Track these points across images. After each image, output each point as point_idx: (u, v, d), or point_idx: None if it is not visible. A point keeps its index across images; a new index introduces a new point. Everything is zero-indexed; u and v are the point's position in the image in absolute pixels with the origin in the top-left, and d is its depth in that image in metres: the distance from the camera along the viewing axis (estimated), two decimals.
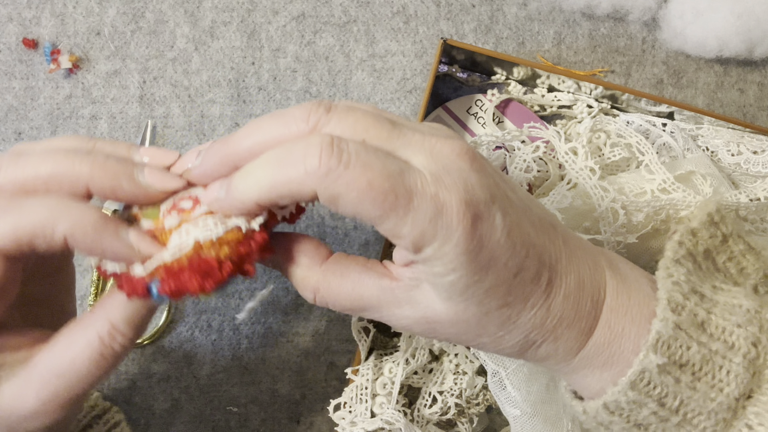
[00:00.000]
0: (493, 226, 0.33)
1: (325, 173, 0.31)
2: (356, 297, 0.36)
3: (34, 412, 0.34)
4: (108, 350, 0.35)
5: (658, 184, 0.53)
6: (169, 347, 0.58)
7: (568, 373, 0.38)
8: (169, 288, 0.34)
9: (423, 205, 0.31)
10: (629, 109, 0.60)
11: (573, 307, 0.36)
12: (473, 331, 0.36)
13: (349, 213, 0.32)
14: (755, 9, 0.61)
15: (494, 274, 0.33)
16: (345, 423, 0.52)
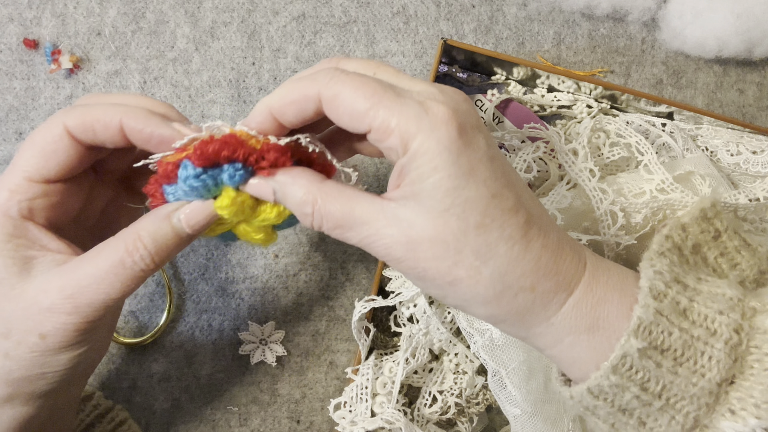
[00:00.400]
0: (476, 144, 0.36)
1: (329, 78, 0.37)
2: (348, 210, 0.37)
3: (52, 308, 0.37)
4: (129, 259, 0.37)
5: (656, 184, 0.53)
6: (169, 347, 0.58)
7: (554, 343, 0.38)
8: (199, 155, 0.38)
9: (411, 103, 0.36)
10: (629, 109, 0.60)
11: (552, 258, 0.37)
12: (451, 257, 0.36)
13: (346, 113, 0.36)
14: (754, 9, 0.61)
15: (473, 186, 0.36)
16: (345, 422, 0.52)
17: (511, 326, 0.38)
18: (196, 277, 0.59)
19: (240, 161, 0.38)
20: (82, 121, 0.38)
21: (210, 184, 0.39)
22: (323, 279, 0.60)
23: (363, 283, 0.60)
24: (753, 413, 0.35)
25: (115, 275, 0.37)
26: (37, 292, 0.37)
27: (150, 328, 0.58)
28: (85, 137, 0.39)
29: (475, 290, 0.37)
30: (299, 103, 0.38)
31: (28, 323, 0.37)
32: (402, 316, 0.55)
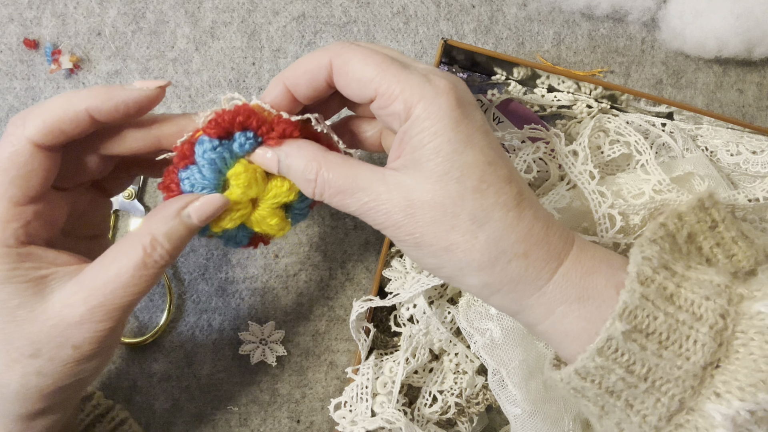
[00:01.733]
0: (473, 116, 0.39)
1: (340, 47, 0.40)
2: (351, 176, 0.39)
3: (82, 319, 0.37)
4: (149, 259, 0.38)
5: (653, 185, 0.53)
6: (169, 347, 0.58)
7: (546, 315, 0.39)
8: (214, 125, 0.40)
9: (415, 73, 0.38)
10: (629, 109, 0.60)
11: (543, 229, 0.39)
12: (448, 221, 0.37)
13: (354, 79, 0.39)
14: (754, 9, 0.61)
15: (471, 152, 0.38)
16: (345, 422, 0.52)
17: (505, 296, 0.39)
18: (196, 277, 0.59)
19: (252, 129, 0.40)
20: (45, 128, 0.38)
21: (226, 157, 0.40)
22: (323, 279, 0.60)
23: (363, 283, 0.60)
24: (737, 396, 0.35)
25: (140, 276, 0.38)
26: (61, 308, 0.38)
27: (150, 328, 0.58)
28: (54, 142, 0.39)
29: (470, 256, 0.38)
30: (312, 72, 0.40)
31: (59, 339, 0.38)
32: (402, 317, 0.56)
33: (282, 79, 0.41)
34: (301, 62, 0.41)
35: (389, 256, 0.56)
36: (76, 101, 0.38)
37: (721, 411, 0.36)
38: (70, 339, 0.38)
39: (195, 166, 0.41)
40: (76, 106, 0.38)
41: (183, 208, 0.40)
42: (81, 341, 0.38)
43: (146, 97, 0.40)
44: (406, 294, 0.53)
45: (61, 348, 0.38)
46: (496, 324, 0.52)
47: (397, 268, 0.55)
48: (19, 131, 0.38)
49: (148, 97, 0.40)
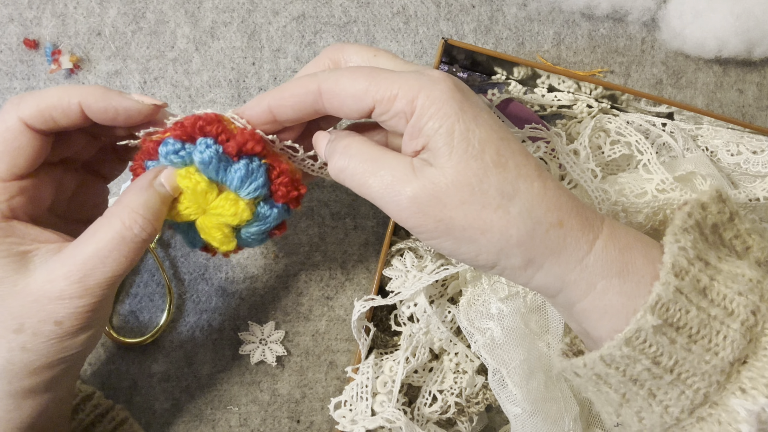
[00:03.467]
0: (474, 98, 0.39)
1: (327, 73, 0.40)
2: (376, 155, 0.40)
3: (63, 295, 0.38)
4: (129, 233, 0.39)
5: (656, 184, 0.53)
6: (169, 347, 0.58)
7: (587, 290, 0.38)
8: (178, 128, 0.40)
9: (407, 71, 0.39)
10: (629, 109, 0.60)
11: (571, 198, 0.39)
12: (477, 200, 0.37)
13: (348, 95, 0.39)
14: (754, 9, 0.61)
15: (483, 128, 0.38)
16: (345, 421, 0.52)
17: (548, 273, 0.38)
18: (196, 277, 0.59)
19: (212, 136, 0.40)
20: (38, 111, 0.39)
21: (187, 160, 0.40)
22: (323, 279, 0.60)
23: (363, 283, 0.60)
24: (763, 392, 0.35)
25: (119, 251, 0.38)
26: (43, 283, 0.38)
27: (150, 328, 0.58)
28: (44, 126, 0.40)
29: (507, 233, 0.37)
30: (299, 97, 0.40)
31: (41, 314, 0.38)
32: (402, 316, 0.55)
33: (267, 99, 0.41)
34: (288, 86, 0.41)
35: (389, 255, 0.56)
36: (71, 93, 0.39)
37: (746, 406, 0.36)
38: (52, 314, 0.38)
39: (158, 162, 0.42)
40: (70, 98, 0.39)
41: (154, 178, 0.41)
42: (63, 317, 0.38)
43: (138, 110, 0.41)
44: (408, 291, 0.53)
45: (44, 323, 0.38)
46: (497, 323, 0.52)
47: (397, 267, 0.55)
48: (13, 110, 0.39)
49: (139, 111, 0.41)
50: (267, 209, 0.43)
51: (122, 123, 0.41)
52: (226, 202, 0.41)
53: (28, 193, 0.41)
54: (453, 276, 0.56)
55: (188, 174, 0.40)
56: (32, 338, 0.38)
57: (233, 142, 0.40)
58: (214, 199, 0.42)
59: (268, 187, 0.42)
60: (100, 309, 0.40)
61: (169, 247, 0.58)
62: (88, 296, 0.38)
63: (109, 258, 0.38)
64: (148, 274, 0.58)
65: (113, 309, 0.57)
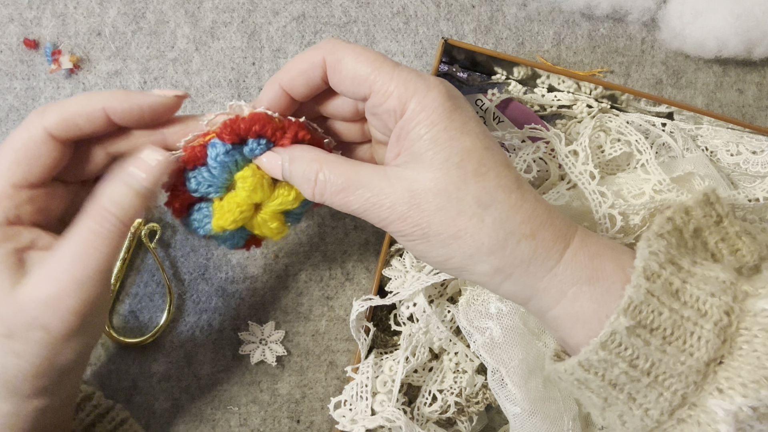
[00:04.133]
0: (464, 107, 0.40)
1: (332, 45, 0.40)
2: (353, 173, 0.40)
3: (48, 300, 0.37)
4: (102, 229, 0.38)
5: (653, 185, 0.53)
6: (169, 347, 0.58)
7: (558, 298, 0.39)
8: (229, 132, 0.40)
9: (406, 70, 0.39)
10: (629, 109, 0.60)
11: (546, 211, 0.40)
12: (453, 206, 0.38)
13: (348, 76, 0.40)
14: (754, 9, 0.61)
15: (468, 138, 0.39)
16: (345, 421, 0.52)
17: (517, 281, 0.39)
18: (196, 277, 0.59)
19: (267, 136, 0.41)
20: (62, 119, 0.39)
21: (239, 160, 0.41)
22: (323, 279, 0.60)
23: (363, 283, 0.60)
24: (740, 392, 0.36)
25: (94, 248, 0.38)
26: (32, 289, 0.38)
27: (150, 328, 0.58)
28: (68, 134, 0.39)
29: (479, 240, 0.38)
30: (307, 72, 0.41)
31: (27, 320, 0.38)
32: (402, 315, 0.55)
33: (277, 81, 0.42)
34: (294, 63, 0.41)
35: (389, 255, 0.56)
36: (94, 99, 0.39)
37: (723, 406, 0.36)
38: (38, 320, 0.38)
39: (205, 167, 0.42)
40: (94, 104, 0.39)
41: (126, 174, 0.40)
42: (49, 322, 0.38)
43: (162, 104, 0.41)
44: (407, 291, 0.53)
45: (31, 329, 0.38)
46: (496, 323, 0.52)
47: (397, 267, 0.55)
48: (38, 120, 0.39)
49: (164, 104, 0.41)
50: None
51: (149, 121, 0.41)
52: (284, 189, 0.43)
53: (37, 204, 0.40)
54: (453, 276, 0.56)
55: (253, 171, 0.42)
56: (22, 345, 0.38)
57: (288, 136, 0.42)
58: (272, 189, 0.43)
59: None
60: (88, 313, 0.39)
61: (169, 247, 0.58)
62: (71, 298, 0.38)
63: (83, 256, 0.38)
64: (148, 274, 0.58)
65: (113, 309, 0.57)
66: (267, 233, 0.45)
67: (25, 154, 0.39)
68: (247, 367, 0.59)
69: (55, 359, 0.39)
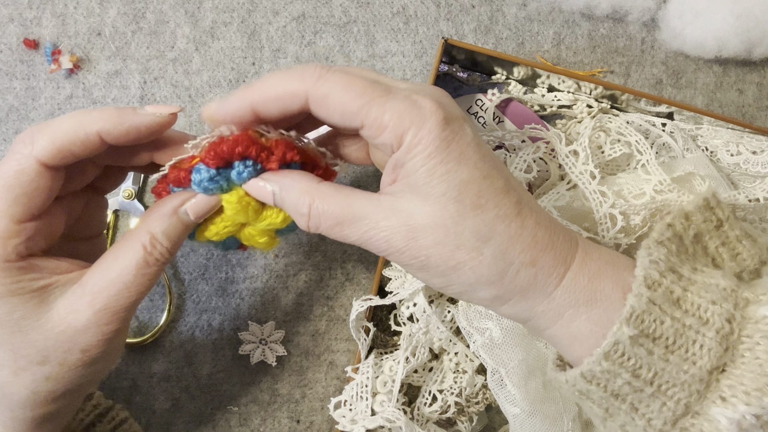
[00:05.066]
0: (463, 132, 0.38)
1: (317, 77, 0.38)
2: (347, 205, 0.39)
3: (89, 323, 0.38)
4: (151, 258, 0.39)
5: (654, 185, 0.53)
6: (169, 347, 0.58)
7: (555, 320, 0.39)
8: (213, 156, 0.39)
9: (400, 97, 0.37)
10: (629, 109, 0.60)
11: (546, 234, 0.38)
12: (452, 241, 0.37)
13: (337, 111, 0.38)
14: (754, 10, 0.61)
15: (465, 169, 0.37)
16: (345, 421, 0.52)
17: (515, 306, 0.39)
18: (196, 277, 0.59)
19: (252, 158, 0.40)
20: (54, 148, 0.38)
21: (224, 185, 0.40)
22: (323, 279, 0.60)
23: (363, 283, 0.60)
24: (743, 400, 0.35)
25: (142, 275, 0.39)
26: (66, 314, 0.38)
27: (150, 328, 0.58)
28: (62, 162, 0.39)
29: (478, 272, 0.37)
30: (284, 100, 0.39)
31: (67, 345, 0.38)
32: (402, 315, 0.55)
33: (249, 98, 0.39)
34: (272, 86, 0.39)
35: (388, 261, 0.56)
36: (87, 123, 0.38)
37: (726, 415, 0.36)
38: (78, 344, 0.38)
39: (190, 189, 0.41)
40: (88, 128, 0.38)
41: (180, 206, 0.40)
42: (88, 345, 0.38)
43: (158, 123, 0.40)
44: (406, 291, 0.53)
45: (70, 353, 0.38)
46: (496, 324, 0.52)
47: (397, 267, 0.55)
48: (27, 149, 0.38)
49: (159, 123, 0.40)
50: None
51: (145, 140, 0.41)
52: (272, 211, 0.42)
53: (44, 231, 0.40)
54: None
55: (239, 198, 0.40)
56: (57, 368, 0.39)
57: (275, 158, 0.40)
58: (261, 210, 0.42)
59: None
60: (122, 332, 0.40)
61: None
62: (113, 322, 0.39)
63: (133, 283, 0.39)
64: None
65: None
66: (255, 246, 0.44)
67: (21, 191, 0.38)
68: (247, 367, 0.59)
69: (87, 377, 0.40)
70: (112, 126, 0.38)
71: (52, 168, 0.38)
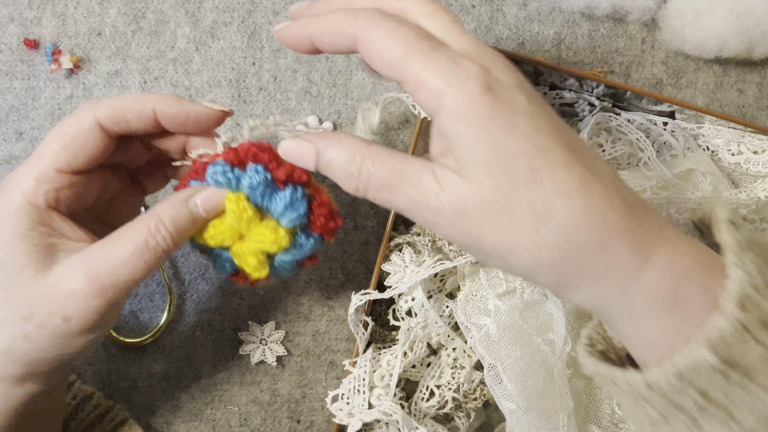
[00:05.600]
0: (512, 100, 0.35)
1: (369, 20, 0.36)
2: (398, 168, 0.36)
3: (77, 291, 0.38)
4: (152, 240, 0.40)
5: (656, 181, 0.53)
6: (169, 347, 0.58)
7: (628, 317, 0.35)
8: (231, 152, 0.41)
9: (443, 57, 0.35)
10: (630, 107, 0.60)
11: (620, 217, 0.34)
12: (505, 218, 0.34)
13: (379, 59, 0.36)
14: (754, 9, 0.61)
15: (514, 139, 0.34)
16: (342, 414, 0.52)
17: (583, 292, 0.35)
18: (196, 277, 0.59)
19: (263, 163, 0.41)
20: (113, 113, 0.41)
21: (233, 183, 0.41)
22: (323, 279, 0.60)
23: (363, 283, 0.60)
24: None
25: (140, 256, 0.39)
26: (61, 277, 0.39)
27: (150, 328, 0.58)
28: (117, 128, 0.41)
29: (538, 255, 0.34)
30: (336, 36, 0.38)
31: (52, 307, 0.39)
32: (401, 310, 0.55)
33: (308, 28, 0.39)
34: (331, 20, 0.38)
35: (389, 251, 0.56)
36: (147, 99, 0.41)
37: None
38: (62, 309, 0.38)
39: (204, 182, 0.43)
40: (146, 103, 0.41)
41: (191, 197, 0.41)
42: (72, 313, 0.39)
43: (208, 115, 0.42)
44: (405, 285, 0.53)
45: (52, 316, 0.39)
46: (493, 320, 0.52)
47: (396, 262, 0.55)
48: (90, 109, 0.41)
49: (209, 116, 0.42)
50: (304, 238, 0.43)
51: (191, 128, 0.43)
52: (267, 228, 0.42)
53: (76, 189, 0.42)
54: (451, 271, 0.56)
55: (238, 200, 0.41)
56: (38, 329, 0.39)
57: (282, 170, 0.41)
58: (255, 225, 0.42)
59: (308, 217, 0.43)
60: (108, 313, 0.40)
61: None
62: (101, 297, 0.39)
63: (129, 261, 0.39)
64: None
65: None
66: (244, 266, 0.44)
67: (73, 141, 0.40)
68: (247, 367, 0.59)
69: (63, 350, 0.40)
70: (168, 105, 0.41)
71: (106, 131, 0.41)
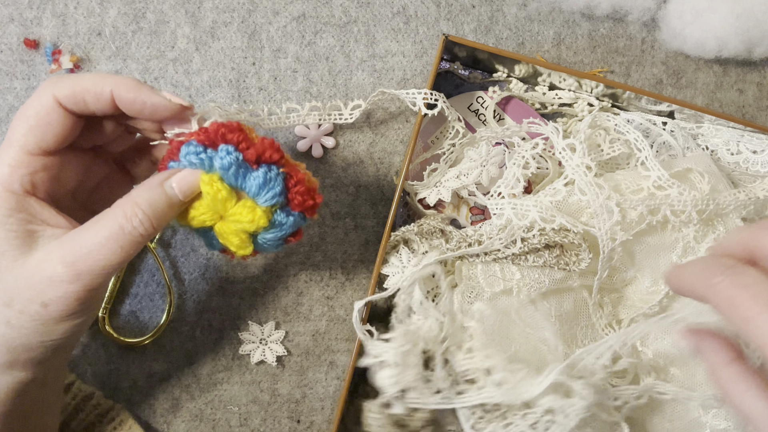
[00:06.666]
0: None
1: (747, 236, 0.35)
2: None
3: (54, 277, 0.39)
4: (128, 225, 0.40)
5: (653, 180, 0.53)
6: (169, 347, 0.58)
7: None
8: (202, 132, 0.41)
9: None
10: (630, 107, 0.60)
11: None
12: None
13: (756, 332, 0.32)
14: (754, 9, 0.61)
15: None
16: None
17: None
18: (196, 277, 0.59)
19: (233, 144, 0.41)
20: (72, 92, 0.40)
21: (206, 164, 0.41)
22: (323, 279, 0.60)
23: (363, 283, 0.60)
24: None
25: (116, 241, 0.39)
26: (39, 263, 0.39)
27: (150, 328, 0.58)
28: (75, 108, 0.41)
29: None
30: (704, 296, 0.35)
31: (31, 292, 0.39)
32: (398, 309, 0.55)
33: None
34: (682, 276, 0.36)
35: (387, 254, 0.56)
36: (105, 81, 0.41)
37: None
38: (40, 294, 0.39)
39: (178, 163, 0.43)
40: (104, 85, 0.41)
41: (167, 179, 0.42)
42: (50, 299, 0.39)
43: (165, 107, 0.42)
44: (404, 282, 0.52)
45: (31, 302, 0.39)
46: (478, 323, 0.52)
47: (394, 263, 0.54)
48: (49, 88, 0.40)
49: (166, 107, 0.42)
50: (283, 217, 0.44)
51: (148, 117, 0.43)
52: (243, 209, 0.42)
53: (51, 172, 0.42)
54: (449, 271, 0.55)
55: (211, 181, 0.41)
56: (18, 315, 0.39)
57: (252, 150, 0.41)
58: (232, 206, 0.42)
59: (285, 196, 0.43)
60: (88, 300, 0.40)
61: (169, 247, 0.58)
62: (78, 282, 0.39)
63: (105, 246, 0.39)
64: (148, 274, 0.58)
65: (113, 309, 0.57)
66: (228, 245, 0.45)
67: (37, 122, 0.40)
68: (247, 367, 0.59)
69: (44, 336, 0.40)
70: (125, 90, 0.41)
71: (67, 110, 0.41)
